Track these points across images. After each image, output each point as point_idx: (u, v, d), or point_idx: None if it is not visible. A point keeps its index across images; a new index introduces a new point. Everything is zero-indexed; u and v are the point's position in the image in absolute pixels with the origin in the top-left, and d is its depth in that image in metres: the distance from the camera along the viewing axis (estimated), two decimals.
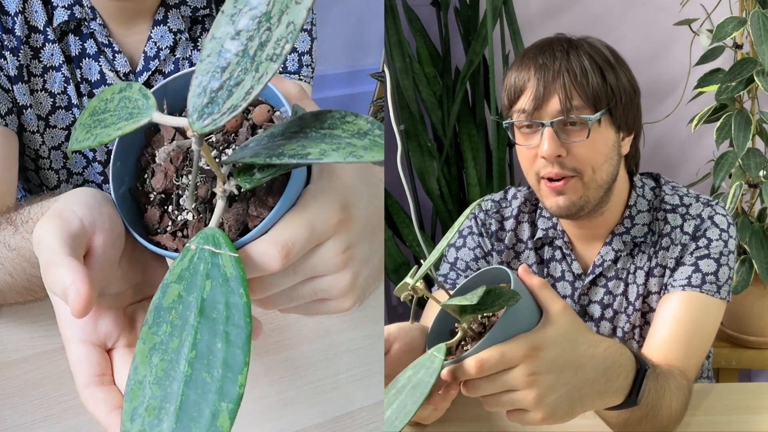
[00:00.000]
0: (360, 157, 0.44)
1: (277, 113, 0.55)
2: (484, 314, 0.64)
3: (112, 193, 0.53)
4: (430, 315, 0.98)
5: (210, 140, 0.53)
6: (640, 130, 1.01)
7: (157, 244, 0.52)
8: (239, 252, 0.47)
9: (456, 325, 0.63)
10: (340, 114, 0.47)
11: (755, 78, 1.34)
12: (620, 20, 1.62)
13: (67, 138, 1.05)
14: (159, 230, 0.53)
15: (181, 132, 0.55)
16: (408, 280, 0.58)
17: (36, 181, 1.09)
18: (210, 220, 0.49)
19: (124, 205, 0.53)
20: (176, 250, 0.51)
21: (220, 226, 0.49)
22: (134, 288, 0.56)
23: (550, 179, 0.94)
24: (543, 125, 0.92)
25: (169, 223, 0.52)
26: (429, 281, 1.68)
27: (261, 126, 0.54)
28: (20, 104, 0.99)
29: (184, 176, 0.53)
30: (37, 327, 0.85)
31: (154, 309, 0.46)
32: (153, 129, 0.56)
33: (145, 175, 0.55)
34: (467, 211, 0.62)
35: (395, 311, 1.89)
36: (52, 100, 1.01)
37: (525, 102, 0.93)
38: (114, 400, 0.49)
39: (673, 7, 1.47)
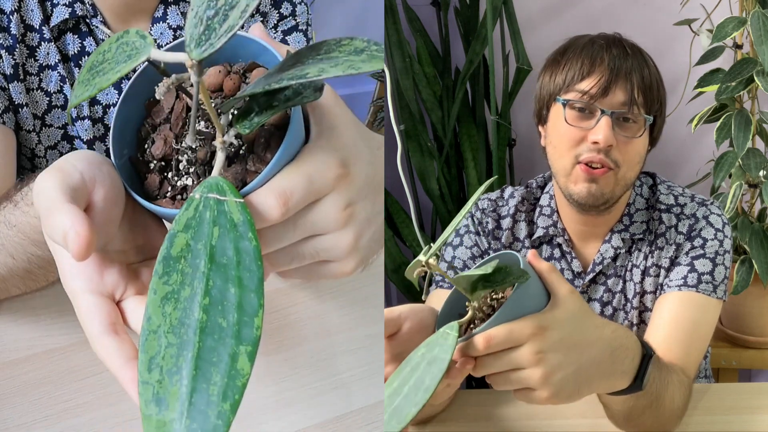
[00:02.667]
0: (359, 69, 0.44)
1: None
2: (493, 296, 0.65)
3: (113, 160, 0.53)
4: (432, 303, 0.98)
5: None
6: (657, 143, 1.03)
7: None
8: None
9: (466, 304, 0.64)
10: (335, 40, 0.47)
11: (755, 78, 1.34)
12: (620, 20, 1.62)
13: (63, 137, 1.05)
14: (159, 196, 0.53)
15: (179, 98, 0.54)
16: (421, 257, 0.58)
17: None
18: None
19: (124, 173, 0.53)
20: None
21: None
22: (136, 249, 0.56)
23: (590, 165, 0.94)
24: (603, 112, 0.94)
25: (169, 189, 0.53)
26: (430, 281, 1.68)
27: None
28: (16, 103, 0.99)
29: (183, 141, 0.52)
30: (37, 327, 0.85)
31: (163, 259, 0.46)
32: (153, 100, 0.56)
33: (145, 146, 0.55)
34: (474, 197, 0.63)
35: None
36: (48, 99, 1.01)
37: (591, 85, 0.95)
38: (127, 350, 0.49)
39: (673, 7, 1.47)
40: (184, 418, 0.42)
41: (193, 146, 0.52)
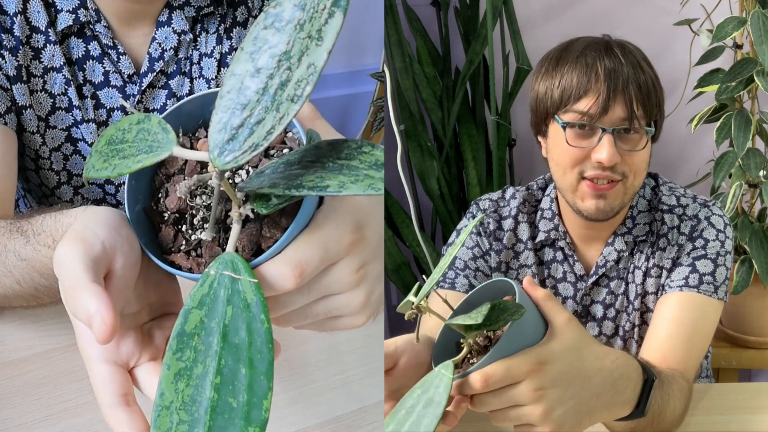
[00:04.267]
0: (379, 190, 0.45)
1: (290, 134, 0.55)
2: (491, 328, 0.64)
3: (126, 211, 0.53)
4: (428, 324, 0.97)
5: None
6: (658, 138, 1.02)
7: (171, 264, 0.52)
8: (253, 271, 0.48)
9: (461, 340, 0.63)
10: (356, 144, 0.48)
11: (755, 78, 1.34)
12: (620, 20, 1.62)
13: (67, 139, 1.05)
14: (173, 249, 0.53)
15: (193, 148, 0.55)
16: (411, 298, 0.58)
17: (36, 181, 1.09)
18: (223, 239, 0.50)
19: (139, 224, 0.54)
20: (190, 270, 0.52)
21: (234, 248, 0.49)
22: (149, 307, 0.56)
23: (596, 181, 0.93)
24: (603, 131, 0.92)
25: (183, 243, 0.53)
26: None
27: (273, 148, 0.54)
28: (19, 104, 0.99)
29: (197, 197, 0.53)
30: (37, 327, 0.85)
31: (177, 335, 0.46)
32: None
33: (159, 195, 0.55)
34: (466, 232, 0.62)
35: (395, 311, 1.88)
36: (52, 101, 1.01)
37: (589, 105, 0.92)
38: (138, 424, 0.50)
39: (673, 7, 1.46)
40: None
41: (207, 203, 0.52)
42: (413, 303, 0.58)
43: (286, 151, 0.54)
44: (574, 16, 1.67)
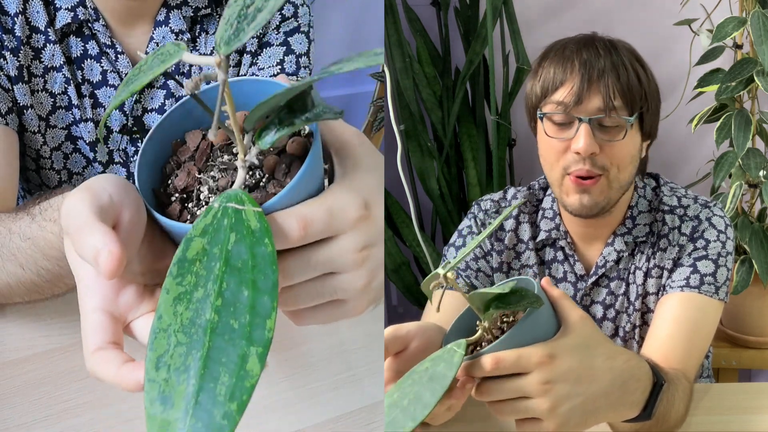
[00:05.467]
0: (378, 60, 0.46)
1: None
2: (504, 319, 0.64)
3: (137, 188, 0.54)
4: (437, 315, 0.98)
5: (231, 144, 0.55)
6: (656, 136, 1.01)
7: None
8: None
9: (476, 324, 0.63)
10: (347, 57, 0.49)
11: (755, 78, 1.34)
12: (620, 20, 1.62)
13: (67, 138, 1.05)
14: (179, 222, 0.54)
15: (204, 138, 0.57)
16: (439, 270, 0.58)
17: (36, 181, 1.09)
18: None
19: (147, 200, 0.55)
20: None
21: None
22: (153, 272, 0.56)
23: (579, 176, 0.93)
24: (580, 121, 0.92)
25: (189, 216, 0.54)
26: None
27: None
28: (21, 104, 0.99)
29: (204, 173, 0.54)
30: (37, 327, 0.85)
31: (178, 261, 0.46)
32: (179, 141, 0.58)
33: (169, 181, 0.56)
34: (510, 208, 0.64)
35: (395, 311, 1.89)
36: (52, 100, 1.01)
37: (564, 95, 0.93)
38: (123, 357, 0.48)
39: (673, 7, 1.47)
40: (189, 417, 0.42)
41: (215, 175, 0.53)
42: (440, 275, 0.58)
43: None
44: (574, 16, 1.67)
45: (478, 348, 0.63)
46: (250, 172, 0.53)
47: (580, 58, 0.93)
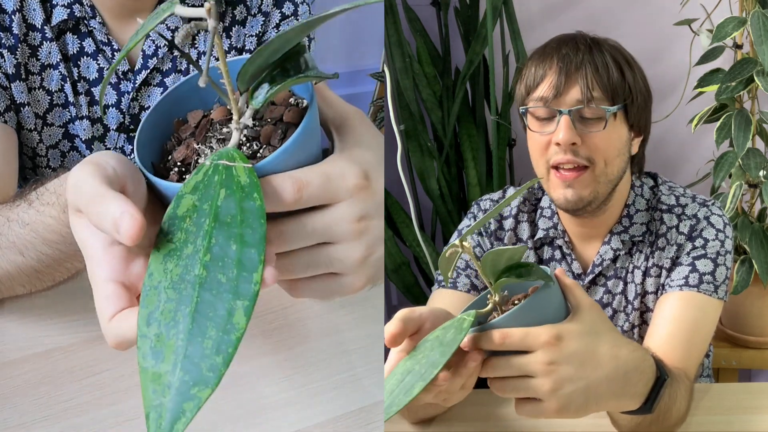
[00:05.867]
0: None
1: (292, 99, 0.57)
2: (514, 302, 0.65)
3: (137, 161, 0.55)
4: (444, 301, 0.98)
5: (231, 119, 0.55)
6: (649, 134, 1.02)
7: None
8: None
9: (488, 296, 0.64)
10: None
11: (755, 78, 1.34)
12: (620, 20, 1.62)
13: (64, 136, 1.05)
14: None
15: (206, 116, 0.57)
16: (456, 242, 0.59)
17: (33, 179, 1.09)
18: None
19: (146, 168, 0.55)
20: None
21: None
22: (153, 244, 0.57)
23: (562, 168, 0.94)
24: (560, 113, 0.93)
25: None
26: (430, 281, 1.68)
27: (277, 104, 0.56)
28: (18, 102, 0.99)
29: (202, 144, 0.55)
30: (37, 327, 0.85)
31: (168, 218, 0.47)
32: (180, 120, 0.58)
33: (169, 157, 0.57)
34: (521, 188, 0.66)
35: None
36: (49, 98, 1.01)
37: (544, 90, 0.95)
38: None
39: (673, 7, 1.46)
40: (178, 370, 0.44)
41: (213, 146, 0.53)
42: (457, 245, 0.59)
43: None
44: (574, 16, 1.67)
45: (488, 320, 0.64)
46: (248, 143, 0.53)
47: (558, 54, 0.96)
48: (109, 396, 0.78)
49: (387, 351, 0.67)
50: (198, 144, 0.55)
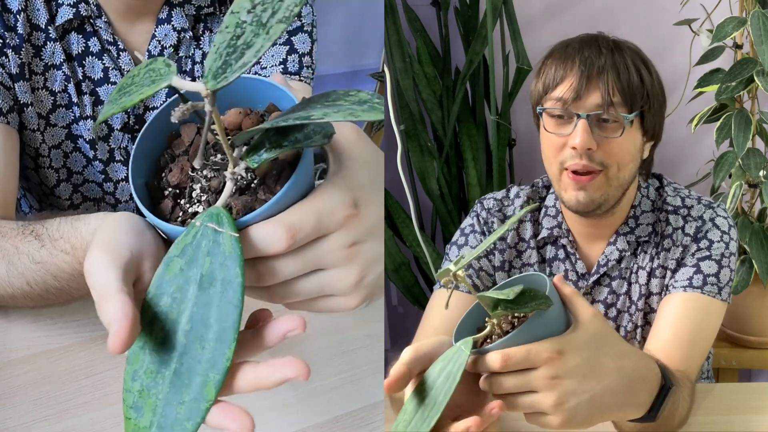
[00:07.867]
0: (358, 117, 0.48)
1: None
2: (515, 315, 0.64)
3: (131, 184, 0.55)
4: (431, 314, 0.98)
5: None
6: (660, 138, 1.01)
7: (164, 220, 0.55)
8: (246, 230, 0.51)
9: (486, 320, 0.64)
10: (344, 91, 0.52)
11: (755, 78, 1.34)
12: (620, 20, 1.62)
13: (67, 136, 1.05)
14: (170, 220, 0.55)
15: (199, 132, 0.57)
16: (451, 267, 0.59)
17: (35, 179, 1.09)
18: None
19: (140, 196, 0.56)
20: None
21: (228, 208, 0.52)
22: None
23: (576, 172, 0.94)
24: (579, 117, 0.93)
25: (180, 214, 0.55)
26: (430, 281, 1.68)
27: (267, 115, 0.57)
28: (21, 102, 0.99)
29: (198, 171, 0.55)
30: (37, 327, 0.85)
31: (157, 280, 0.50)
32: (174, 134, 0.59)
33: (163, 174, 0.57)
34: (522, 212, 0.63)
35: (395, 311, 1.89)
36: (52, 98, 1.01)
37: (564, 91, 0.94)
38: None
39: (673, 7, 1.46)
40: (154, 428, 0.48)
41: (207, 174, 0.54)
42: (452, 271, 0.59)
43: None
44: (574, 16, 1.67)
45: (488, 341, 0.63)
46: (242, 179, 0.54)
47: (581, 56, 0.94)
48: (109, 396, 0.78)
49: (387, 351, 0.67)
50: (192, 171, 0.55)
